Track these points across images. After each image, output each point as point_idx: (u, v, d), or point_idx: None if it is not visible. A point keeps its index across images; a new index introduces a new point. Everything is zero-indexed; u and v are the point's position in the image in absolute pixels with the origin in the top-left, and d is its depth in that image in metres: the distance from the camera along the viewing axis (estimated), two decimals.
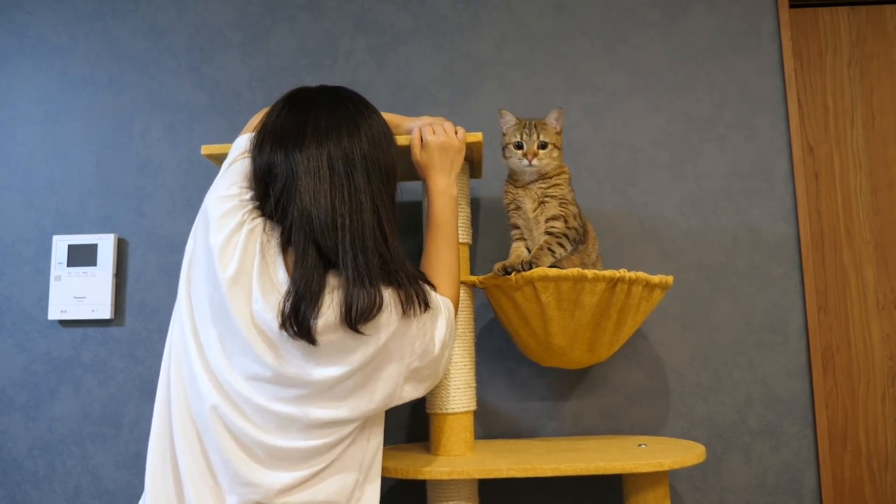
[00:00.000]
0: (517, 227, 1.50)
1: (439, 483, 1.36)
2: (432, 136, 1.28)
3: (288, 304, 0.96)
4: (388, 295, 1.01)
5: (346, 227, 0.98)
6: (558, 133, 1.47)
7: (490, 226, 1.74)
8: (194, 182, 1.79)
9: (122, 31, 1.87)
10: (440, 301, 1.13)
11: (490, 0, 1.83)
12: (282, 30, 1.85)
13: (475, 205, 1.74)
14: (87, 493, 1.68)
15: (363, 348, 1.00)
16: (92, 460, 1.69)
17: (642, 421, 1.66)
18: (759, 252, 1.71)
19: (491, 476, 1.27)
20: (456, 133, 1.31)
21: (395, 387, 1.06)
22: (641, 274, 1.34)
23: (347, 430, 1.03)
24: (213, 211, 1.03)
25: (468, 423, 1.41)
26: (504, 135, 1.48)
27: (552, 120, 1.46)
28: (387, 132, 1.11)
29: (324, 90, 1.11)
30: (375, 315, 0.98)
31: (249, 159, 1.08)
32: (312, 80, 1.81)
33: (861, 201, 1.78)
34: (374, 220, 1.01)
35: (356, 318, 0.97)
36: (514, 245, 1.48)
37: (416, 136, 1.31)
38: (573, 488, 1.63)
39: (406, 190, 1.75)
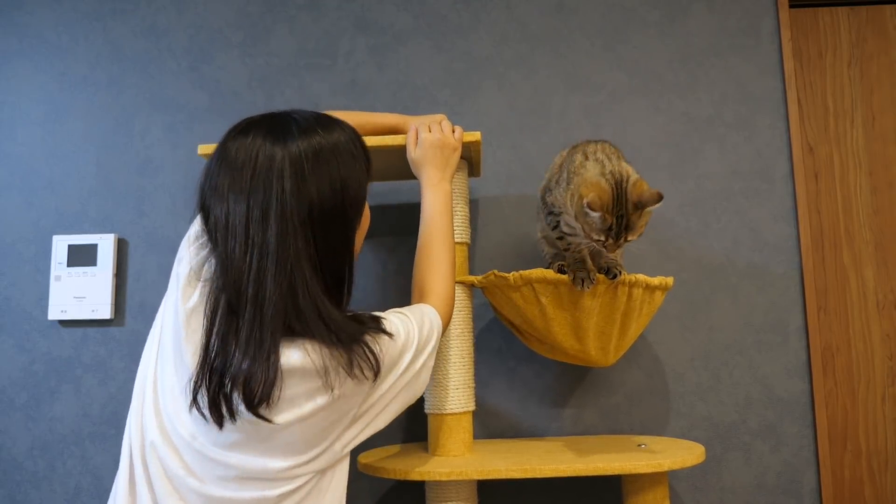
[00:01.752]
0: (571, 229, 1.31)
1: (438, 484, 1.36)
2: (427, 134, 1.27)
3: (200, 380, 0.86)
4: (324, 356, 0.88)
5: (248, 288, 0.85)
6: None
7: (489, 226, 1.74)
8: (194, 182, 1.78)
9: (122, 32, 1.87)
10: (412, 328, 1.01)
11: (490, 0, 1.83)
12: (282, 30, 1.85)
13: (474, 205, 1.74)
14: (87, 493, 1.68)
15: (296, 410, 0.88)
16: (92, 460, 1.70)
17: (642, 421, 1.66)
18: (759, 252, 1.70)
19: (490, 477, 1.27)
20: (453, 132, 1.31)
21: (357, 433, 0.96)
22: (641, 276, 1.34)
23: (295, 483, 0.92)
24: (192, 241, 0.99)
25: (467, 423, 1.41)
26: (585, 213, 1.17)
27: (653, 203, 1.15)
28: (335, 164, 0.92)
29: (265, 120, 0.97)
30: (277, 397, 0.85)
31: None
32: (312, 80, 1.82)
33: (861, 201, 1.78)
34: (285, 280, 0.86)
35: (257, 402, 0.84)
36: (573, 240, 1.30)
37: (411, 133, 1.30)
38: (573, 489, 1.63)
39: (407, 190, 1.76)
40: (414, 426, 1.67)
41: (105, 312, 1.72)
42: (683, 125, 1.76)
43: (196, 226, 1.02)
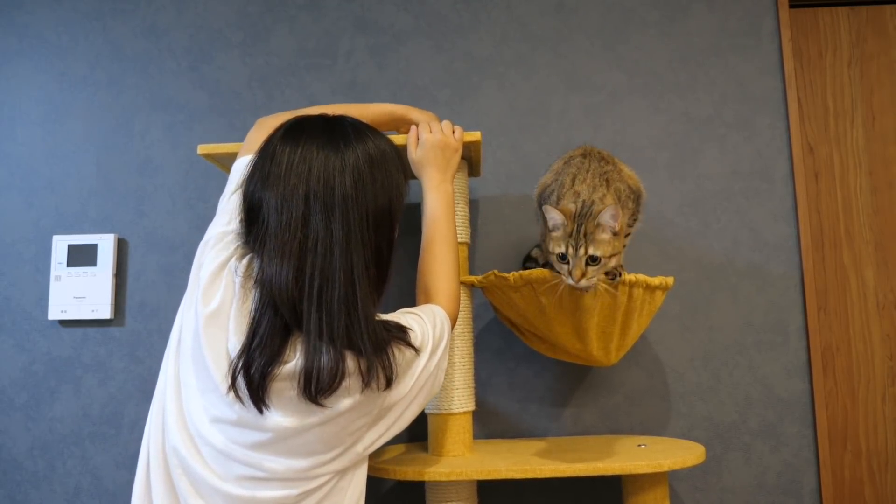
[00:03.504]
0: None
1: (438, 484, 1.36)
2: (429, 135, 1.28)
3: (240, 364, 0.89)
4: (350, 361, 0.90)
5: (313, 284, 0.88)
6: (617, 233, 1.19)
7: (489, 226, 1.74)
8: (194, 182, 1.79)
9: (122, 31, 1.87)
10: (427, 330, 1.03)
11: (490, 0, 1.83)
12: (282, 30, 1.85)
13: (474, 205, 1.74)
14: (87, 493, 1.68)
15: (321, 412, 0.91)
16: (92, 460, 1.70)
17: (642, 421, 1.66)
18: (759, 252, 1.70)
19: (490, 477, 1.27)
20: (454, 132, 1.31)
21: (379, 435, 0.98)
22: (641, 276, 1.34)
23: (315, 483, 0.94)
24: (212, 245, 1.00)
25: (467, 423, 1.41)
26: (550, 230, 1.22)
27: (608, 218, 1.17)
28: (386, 172, 0.98)
29: (318, 124, 1.00)
30: (337, 386, 0.88)
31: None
32: (312, 80, 1.82)
33: (861, 201, 1.78)
34: (346, 277, 0.90)
35: (316, 391, 0.88)
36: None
37: (412, 134, 1.31)
38: (573, 489, 1.63)
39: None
40: (414, 426, 1.66)
41: (105, 312, 1.72)
42: (683, 125, 1.76)
43: (217, 228, 1.03)
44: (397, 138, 1.37)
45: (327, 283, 0.89)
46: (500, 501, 1.63)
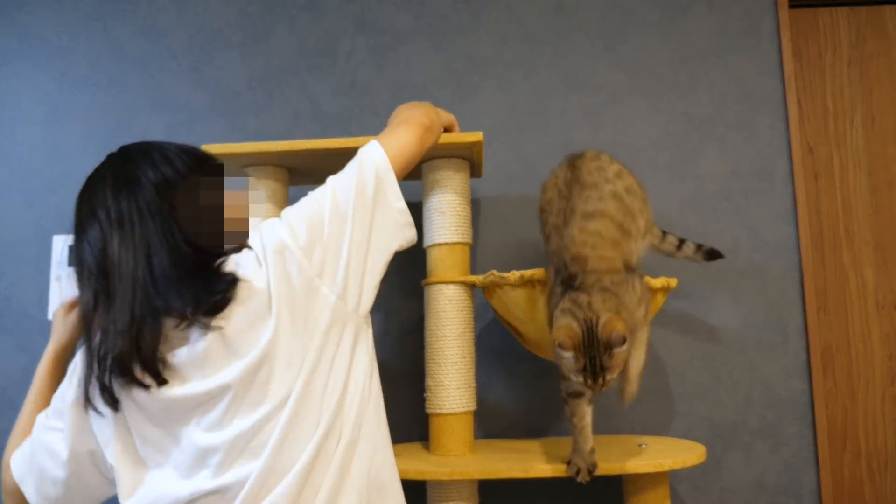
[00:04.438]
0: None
1: (439, 483, 1.36)
2: None
3: (106, 370, 0.90)
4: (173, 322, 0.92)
5: (121, 276, 0.93)
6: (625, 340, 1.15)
7: (490, 226, 1.74)
8: None
9: (122, 32, 1.87)
10: (321, 195, 1.03)
11: (490, 0, 1.83)
12: (282, 30, 1.85)
13: (475, 205, 1.74)
14: None
15: (267, 325, 0.92)
16: None
17: (642, 421, 1.66)
18: (759, 252, 1.71)
19: (491, 476, 1.27)
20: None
21: (341, 281, 0.97)
22: (645, 278, 1.34)
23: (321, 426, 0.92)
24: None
25: (468, 423, 1.41)
26: (561, 356, 1.16)
27: (620, 345, 1.12)
28: (153, 172, 0.99)
29: (105, 168, 1.04)
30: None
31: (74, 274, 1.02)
32: (312, 80, 1.82)
33: (861, 201, 1.78)
34: (144, 258, 0.93)
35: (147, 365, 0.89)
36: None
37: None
38: (573, 489, 1.63)
39: (406, 192, 1.75)
40: (414, 426, 1.67)
41: None
42: (683, 125, 1.76)
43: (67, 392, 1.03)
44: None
45: (129, 274, 0.92)
46: (500, 501, 1.63)
